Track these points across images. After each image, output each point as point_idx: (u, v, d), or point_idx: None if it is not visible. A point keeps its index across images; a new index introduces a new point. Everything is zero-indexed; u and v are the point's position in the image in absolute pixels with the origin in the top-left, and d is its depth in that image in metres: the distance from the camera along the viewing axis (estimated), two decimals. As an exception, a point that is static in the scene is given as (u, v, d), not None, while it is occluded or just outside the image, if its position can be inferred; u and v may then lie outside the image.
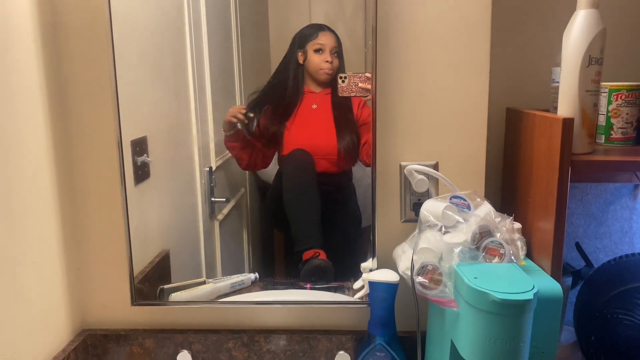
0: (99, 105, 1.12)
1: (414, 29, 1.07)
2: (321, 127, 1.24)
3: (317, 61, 1.21)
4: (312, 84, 1.24)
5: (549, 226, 0.95)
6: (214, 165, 1.32)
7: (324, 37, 1.20)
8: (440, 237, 0.93)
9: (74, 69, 1.11)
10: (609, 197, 1.23)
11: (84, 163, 1.14)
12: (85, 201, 1.16)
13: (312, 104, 1.25)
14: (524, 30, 1.26)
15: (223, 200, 1.33)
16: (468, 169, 1.10)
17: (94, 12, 1.08)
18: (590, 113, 0.95)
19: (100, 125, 1.13)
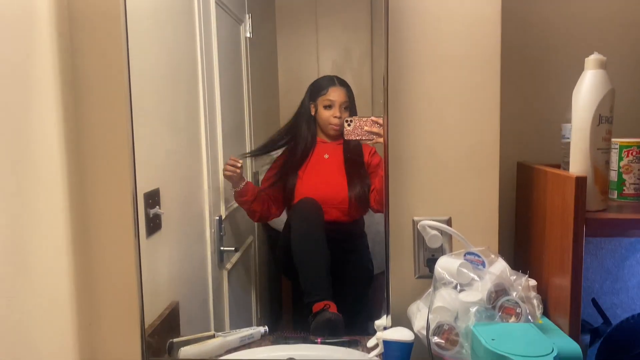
0: (115, 157, 1.13)
1: (424, 85, 1.09)
2: (333, 177, 1.25)
3: (326, 116, 1.23)
4: (322, 134, 1.26)
5: (565, 283, 0.94)
6: (224, 214, 1.32)
7: (334, 93, 1.23)
8: (456, 295, 0.92)
9: (92, 121, 1.12)
10: (624, 252, 1.22)
11: (98, 215, 1.15)
12: (98, 255, 1.16)
13: (324, 154, 1.26)
14: (534, 86, 1.29)
15: (232, 249, 1.33)
16: (481, 224, 1.10)
17: (112, 64, 1.09)
18: (603, 170, 0.96)
19: (115, 178, 1.13)
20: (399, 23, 1.08)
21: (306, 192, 1.24)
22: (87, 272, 1.16)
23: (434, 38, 1.08)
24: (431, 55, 1.08)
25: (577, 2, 1.27)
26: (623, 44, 1.27)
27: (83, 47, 1.09)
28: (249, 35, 1.36)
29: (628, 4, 1.27)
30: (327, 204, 1.22)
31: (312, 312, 1.17)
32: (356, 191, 1.21)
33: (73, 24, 1.08)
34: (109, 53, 1.09)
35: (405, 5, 1.08)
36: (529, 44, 1.29)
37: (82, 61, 1.10)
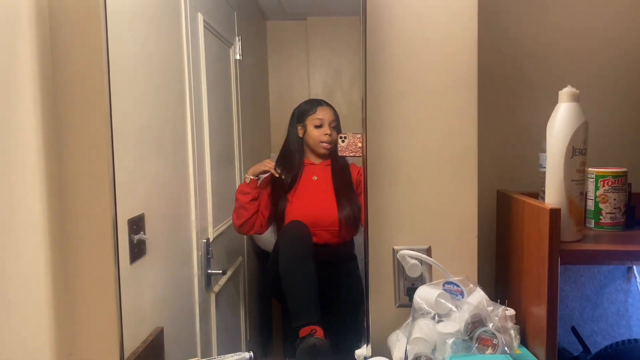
0: (96, 183, 1.11)
1: (403, 114, 1.11)
2: (322, 199, 1.26)
3: (316, 135, 1.25)
4: (311, 156, 1.28)
5: (541, 313, 0.95)
6: (212, 236, 1.32)
7: (323, 112, 1.25)
8: (434, 326, 0.93)
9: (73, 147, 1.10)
10: (603, 280, 1.23)
11: (78, 243, 1.13)
12: (78, 284, 1.14)
13: (313, 176, 1.27)
14: (512, 116, 1.31)
15: (219, 272, 1.32)
16: (461, 253, 1.11)
17: (94, 90, 1.08)
18: (577, 202, 0.97)
19: (96, 205, 1.12)
20: (379, 51, 1.10)
21: (296, 215, 1.24)
22: (67, 302, 1.15)
23: (414, 68, 1.10)
24: (410, 84, 1.10)
25: (551, 35, 1.30)
26: (596, 76, 1.30)
27: (64, 71, 1.08)
28: (238, 57, 1.37)
29: (600, 39, 1.30)
30: (318, 227, 1.22)
31: (299, 336, 1.16)
32: (346, 212, 1.22)
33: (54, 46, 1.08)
34: (89, 77, 1.08)
35: (384, 34, 1.10)
36: (506, 73, 1.31)
37: (63, 86, 1.09)
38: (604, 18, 1.30)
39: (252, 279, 1.43)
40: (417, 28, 1.09)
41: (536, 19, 1.30)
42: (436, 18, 1.09)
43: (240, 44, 1.38)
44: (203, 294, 1.28)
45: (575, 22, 1.30)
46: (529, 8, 1.30)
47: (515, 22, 1.30)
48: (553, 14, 1.30)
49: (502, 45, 1.30)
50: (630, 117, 1.21)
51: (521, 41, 1.30)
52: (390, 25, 1.09)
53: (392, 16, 1.09)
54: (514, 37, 1.31)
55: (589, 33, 1.30)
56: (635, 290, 1.24)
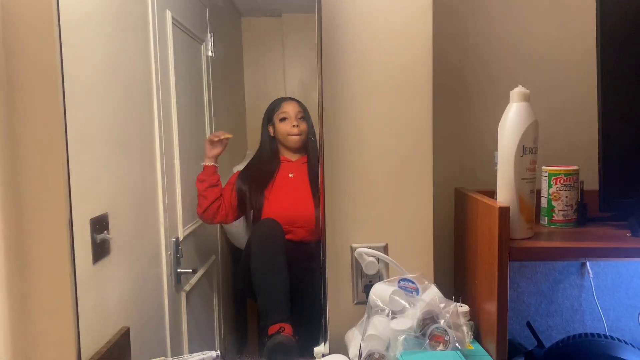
0: (52, 183, 1.09)
1: (359, 113, 1.12)
2: (299, 196, 1.26)
3: (284, 129, 1.26)
4: (287, 153, 1.28)
5: (493, 309, 0.97)
6: (182, 235, 1.31)
7: (287, 106, 1.26)
8: (388, 323, 0.94)
9: (28, 145, 1.08)
10: (558, 275, 1.26)
11: (35, 244, 1.11)
12: (35, 286, 1.12)
13: (289, 173, 1.28)
14: (468, 115, 1.33)
15: (189, 271, 1.31)
16: (417, 250, 1.13)
17: (48, 86, 1.05)
18: (528, 200, 0.99)
19: (52, 204, 1.09)
20: (334, 52, 1.11)
21: (274, 213, 1.24)
22: (23, 304, 1.13)
23: (367, 68, 1.11)
24: (365, 84, 1.11)
25: (503, 37, 1.32)
26: (547, 75, 1.32)
27: (16, 65, 1.06)
28: (210, 54, 1.36)
29: (550, 39, 1.32)
30: (294, 224, 1.23)
31: (267, 334, 1.16)
32: None
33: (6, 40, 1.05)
34: (43, 74, 1.05)
35: (338, 33, 1.10)
36: (462, 73, 1.33)
37: (16, 81, 1.06)
38: (553, 20, 1.32)
39: (226, 277, 1.42)
40: (372, 29, 1.10)
41: (489, 21, 1.32)
42: (391, 20, 1.10)
43: (212, 41, 1.37)
44: (173, 293, 1.28)
45: (525, 24, 1.33)
46: (482, 11, 1.32)
47: (469, 25, 1.32)
48: (505, 17, 1.32)
49: (457, 46, 1.32)
50: (581, 117, 1.24)
51: (476, 42, 1.32)
52: (346, 26, 1.10)
53: (347, 17, 1.10)
54: (468, 38, 1.32)
55: (538, 35, 1.32)
56: (589, 285, 1.28)
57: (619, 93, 1.06)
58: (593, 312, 1.28)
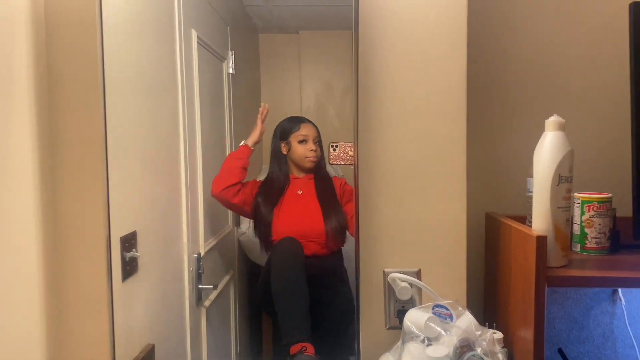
0: (90, 201, 1.10)
1: (393, 137, 1.13)
2: (308, 211, 1.27)
3: (302, 151, 1.27)
4: (295, 171, 1.29)
5: (528, 337, 0.97)
6: (203, 251, 1.32)
7: (306, 129, 1.27)
8: (423, 349, 0.94)
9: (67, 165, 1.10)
10: (589, 302, 1.25)
11: (71, 261, 1.12)
12: (71, 304, 1.14)
13: (298, 190, 1.29)
14: (500, 140, 1.34)
15: (210, 287, 1.32)
16: (450, 276, 1.13)
17: (89, 106, 1.07)
18: (563, 228, 1.00)
19: (89, 223, 1.11)
20: (370, 72, 1.12)
21: (283, 228, 1.26)
22: (59, 320, 1.15)
23: (402, 94, 1.12)
24: (398, 107, 1.12)
25: (538, 62, 1.34)
26: (582, 103, 1.33)
27: (60, 91, 1.08)
28: (231, 72, 1.39)
29: (585, 67, 1.33)
30: (305, 238, 1.24)
31: (289, 354, 1.17)
32: (332, 223, 1.24)
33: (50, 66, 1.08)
34: (85, 94, 1.08)
35: (375, 55, 1.11)
36: (495, 98, 1.34)
37: (58, 103, 1.09)
38: (589, 48, 1.33)
39: (242, 293, 1.43)
40: (407, 52, 1.11)
41: (524, 47, 1.34)
42: (426, 43, 1.11)
43: (234, 59, 1.39)
44: (194, 310, 1.29)
45: (561, 51, 1.34)
46: (517, 37, 1.33)
47: (504, 50, 1.34)
48: (539, 42, 1.33)
49: (492, 70, 1.33)
50: (615, 144, 1.24)
51: (510, 67, 1.33)
52: (380, 48, 1.11)
53: (381, 39, 1.11)
54: (503, 63, 1.34)
55: (574, 62, 1.34)
56: (621, 312, 1.27)
57: (653, 121, 1.06)
58: (625, 339, 1.27)
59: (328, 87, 1.28)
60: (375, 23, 1.10)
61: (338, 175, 1.34)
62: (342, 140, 1.19)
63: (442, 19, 1.10)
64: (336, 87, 1.32)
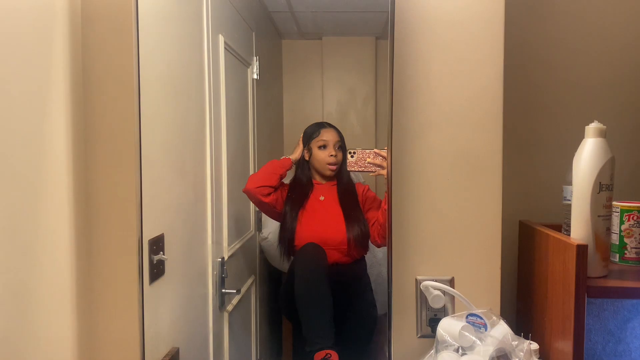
0: (121, 204, 1.11)
1: (429, 144, 1.12)
2: (330, 218, 1.26)
3: (322, 157, 1.27)
4: (317, 177, 1.29)
5: (567, 349, 0.94)
6: (226, 255, 1.32)
7: (327, 134, 1.27)
8: (457, 359, 0.92)
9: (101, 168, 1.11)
10: (627, 314, 1.22)
11: (102, 263, 1.13)
12: (101, 305, 1.14)
13: (320, 196, 1.28)
14: (536, 148, 1.32)
15: (234, 291, 1.32)
16: (483, 285, 1.11)
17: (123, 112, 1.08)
18: (604, 237, 0.97)
19: (120, 225, 1.12)
20: (404, 84, 1.11)
21: (306, 234, 1.25)
22: (89, 322, 1.16)
23: (439, 99, 1.11)
24: (432, 114, 1.11)
25: (577, 68, 1.31)
26: (622, 109, 1.30)
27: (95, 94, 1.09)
28: (256, 77, 1.39)
29: (626, 73, 1.30)
30: (327, 246, 1.23)
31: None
32: (355, 231, 1.23)
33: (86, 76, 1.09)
34: (120, 100, 1.09)
35: (409, 65, 1.11)
36: (532, 105, 1.32)
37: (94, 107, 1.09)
38: (630, 52, 1.30)
39: (263, 298, 1.43)
40: (444, 58, 1.10)
41: (562, 53, 1.32)
42: (462, 50, 1.10)
43: (258, 64, 1.40)
44: (217, 314, 1.29)
45: (601, 55, 1.31)
46: (555, 42, 1.31)
47: (541, 56, 1.32)
48: (579, 47, 1.31)
49: (528, 77, 1.31)
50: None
51: (547, 72, 1.31)
52: (415, 54, 1.10)
53: (417, 45, 1.10)
54: (540, 68, 1.32)
55: (614, 67, 1.31)
56: (659, 325, 1.23)
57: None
58: (664, 353, 1.23)
59: (350, 93, 1.28)
60: (411, 27, 1.09)
61: (360, 181, 1.33)
62: (360, 147, 1.18)
63: (479, 24, 1.09)
64: (358, 93, 1.31)
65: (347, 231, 1.23)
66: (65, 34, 1.03)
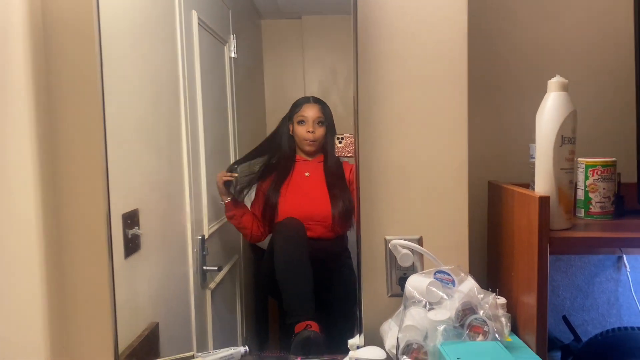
0: (90, 178, 1.11)
1: (394, 105, 1.12)
2: (315, 194, 1.26)
3: (300, 132, 1.25)
4: (303, 153, 1.28)
5: (532, 301, 0.96)
6: (207, 233, 1.32)
7: (308, 109, 1.25)
8: (425, 314, 0.93)
9: (67, 142, 1.11)
10: (594, 269, 1.24)
11: (72, 237, 1.13)
12: (72, 279, 1.14)
13: (305, 172, 1.27)
14: (502, 108, 1.32)
15: (215, 268, 1.32)
16: (452, 242, 1.12)
17: (87, 85, 1.08)
18: (566, 190, 0.98)
19: (90, 199, 1.12)
20: (369, 46, 1.11)
21: (289, 210, 1.24)
22: (61, 297, 1.15)
23: (403, 60, 1.11)
24: (400, 76, 1.11)
25: (539, 26, 1.31)
26: (584, 66, 1.31)
27: (57, 66, 1.09)
28: (233, 55, 1.37)
29: (587, 28, 1.31)
30: (311, 221, 1.22)
31: (294, 332, 1.16)
32: (339, 207, 1.22)
33: (47, 43, 1.08)
34: (83, 73, 1.08)
35: (374, 28, 1.10)
36: (495, 66, 1.32)
37: (56, 81, 1.09)
38: (591, 7, 1.31)
39: (248, 275, 1.43)
40: (407, 24, 1.10)
41: (524, 9, 1.31)
42: (426, 10, 1.09)
43: (235, 42, 1.38)
44: (199, 290, 1.28)
45: (562, 12, 1.31)
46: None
47: (504, 14, 1.31)
48: (541, 5, 1.31)
49: (491, 37, 1.31)
50: (619, 107, 1.22)
51: (510, 32, 1.31)
52: (381, 22, 1.10)
53: (383, 14, 1.10)
54: (502, 28, 1.31)
55: (576, 23, 1.31)
56: (625, 279, 1.26)
57: (658, 83, 1.04)
58: (630, 306, 1.26)
59: (332, 72, 1.26)
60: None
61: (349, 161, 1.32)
62: (347, 132, 1.17)
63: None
64: (340, 72, 1.29)
65: (331, 207, 1.22)
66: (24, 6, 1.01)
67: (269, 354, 1.20)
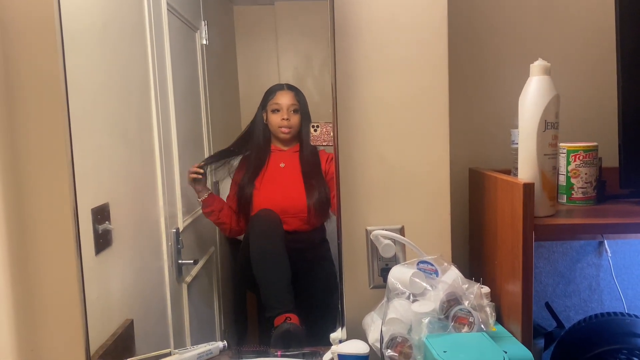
0: (55, 172, 1.07)
1: (374, 92, 1.09)
2: (290, 185, 1.23)
3: (274, 120, 1.22)
4: (278, 143, 1.25)
5: (516, 290, 0.94)
6: (181, 226, 1.28)
7: (281, 97, 1.22)
8: (409, 306, 0.91)
9: (29, 136, 1.07)
10: (575, 255, 1.24)
11: (38, 234, 1.09)
12: (39, 277, 1.10)
13: (280, 162, 1.24)
14: (483, 93, 1.30)
15: (191, 262, 1.29)
16: (434, 232, 1.10)
17: (49, 75, 1.04)
18: (550, 176, 0.97)
19: (55, 194, 1.08)
20: (347, 29, 1.07)
21: (264, 202, 1.22)
22: (27, 296, 1.11)
23: (382, 44, 1.08)
24: (379, 61, 1.08)
25: (521, 9, 1.29)
26: (567, 50, 1.30)
27: (17, 55, 1.04)
28: (205, 42, 1.33)
29: (570, 11, 1.29)
30: (287, 214, 1.20)
31: (274, 326, 1.14)
32: (315, 199, 1.20)
33: (4, 32, 1.03)
34: (44, 63, 1.04)
35: (351, 12, 1.07)
36: (476, 50, 1.30)
37: (16, 74, 1.05)
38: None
39: (225, 268, 1.40)
40: (386, 5, 1.07)
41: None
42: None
43: (207, 29, 1.34)
44: (174, 285, 1.26)
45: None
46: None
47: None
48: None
49: (471, 22, 1.29)
50: (600, 92, 1.22)
51: (490, 17, 1.29)
52: (358, 2, 1.07)
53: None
54: (482, 13, 1.29)
55: (558, 6, 1.29)
56: (607, 264, 1.26)
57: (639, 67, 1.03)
58: (612, 291, 1.27)
59: (306, 59, 1.23)
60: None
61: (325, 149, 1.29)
62: (322, 119, 1.14)
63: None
64: (315, 59, 1.27)
65: (307, 199, 1.20)
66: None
67: (249, 348, 1.17)
